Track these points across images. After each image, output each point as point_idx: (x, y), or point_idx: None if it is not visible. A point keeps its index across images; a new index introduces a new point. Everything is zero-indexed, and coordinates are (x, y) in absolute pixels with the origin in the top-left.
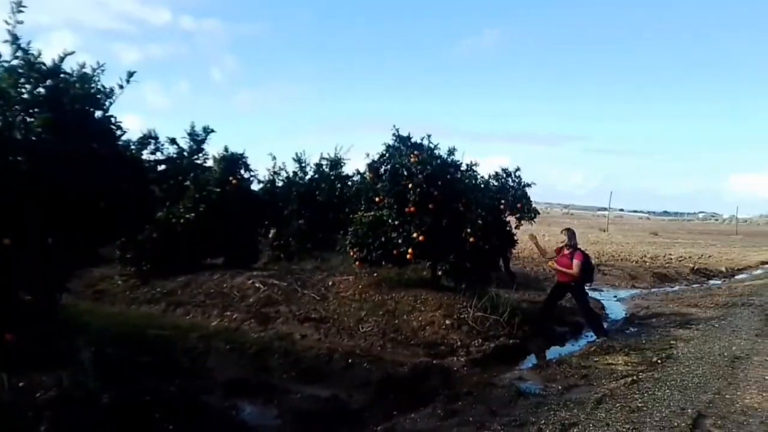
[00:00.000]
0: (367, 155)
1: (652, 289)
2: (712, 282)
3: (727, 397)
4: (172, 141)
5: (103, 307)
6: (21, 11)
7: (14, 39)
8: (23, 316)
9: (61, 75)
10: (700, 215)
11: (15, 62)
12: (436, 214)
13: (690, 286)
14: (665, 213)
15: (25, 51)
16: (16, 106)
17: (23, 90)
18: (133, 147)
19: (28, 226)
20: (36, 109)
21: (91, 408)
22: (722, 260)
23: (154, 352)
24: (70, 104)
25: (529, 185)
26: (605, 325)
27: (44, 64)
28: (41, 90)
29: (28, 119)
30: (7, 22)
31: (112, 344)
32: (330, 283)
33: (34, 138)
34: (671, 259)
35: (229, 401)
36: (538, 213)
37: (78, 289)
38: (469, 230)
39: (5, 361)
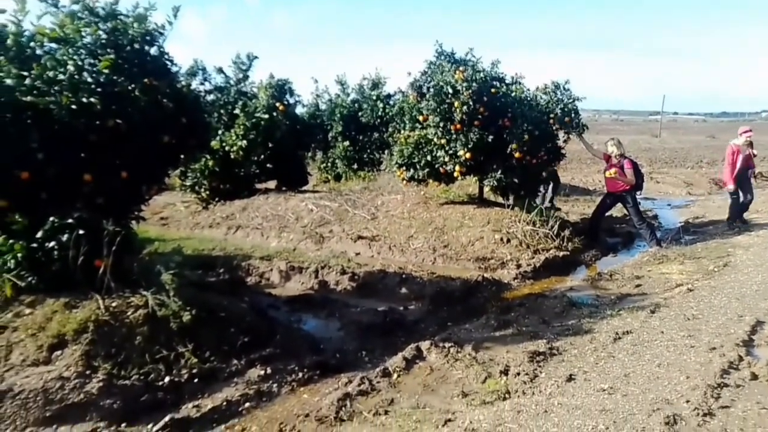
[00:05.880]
0: (409, 74)
1: (710, 196)
2: None
3: None
4: (219, 70)
5: (170, 232)
6: None
7: None
8: (108, 243)
9: (119, 17)
10: (764, 114)
11: (75, 7)
12: (482, 131)
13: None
14: (724, 114)
15: None
16: (82, 51)
17: (84, 34)
18: (182, 79)
19: (105, 162)
20: (99, 51)
21: (176, 324)
22: None
23: (222, 272)
24: (130, 44)
25: (579, 99)
26: (658, 234)
27: (102, 8)
28: (101, 33)
29: (92, 61)
30: None
31: (185, 266)
32: (379, 203)
33: (102, 79)
34: None
35: (294, 315)
36: (587, 128)
37: (146, 217)
38: (514, 145)
39: (98, 285)
